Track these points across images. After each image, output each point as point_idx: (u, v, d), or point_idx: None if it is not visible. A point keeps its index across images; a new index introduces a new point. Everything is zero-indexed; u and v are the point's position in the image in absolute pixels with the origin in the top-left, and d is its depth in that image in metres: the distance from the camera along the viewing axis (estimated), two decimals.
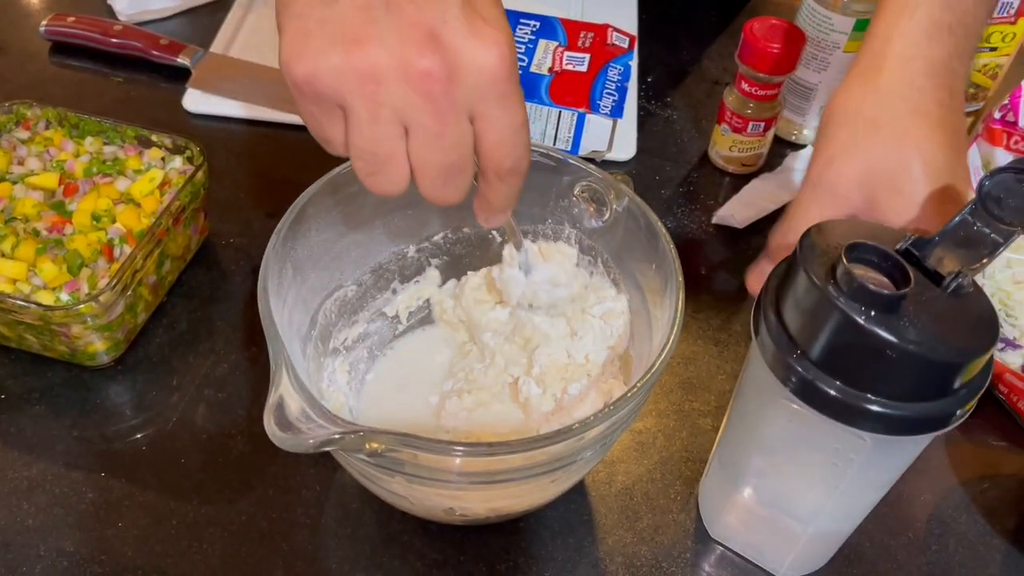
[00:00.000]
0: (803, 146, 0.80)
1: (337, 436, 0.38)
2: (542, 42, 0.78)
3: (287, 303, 0.48)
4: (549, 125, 0.74)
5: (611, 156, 0.76)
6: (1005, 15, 0.71)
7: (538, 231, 0.57)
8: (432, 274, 0.60)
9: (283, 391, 0.39)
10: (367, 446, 0.39)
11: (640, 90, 0.84)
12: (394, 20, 0.35)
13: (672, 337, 0.44)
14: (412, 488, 0.45)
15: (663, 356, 0.44)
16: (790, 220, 0.52)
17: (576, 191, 0.53)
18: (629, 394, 0.42)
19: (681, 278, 0.47)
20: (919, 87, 0.49)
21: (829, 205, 0.50)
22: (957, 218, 0.40)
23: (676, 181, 0.76)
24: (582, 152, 0.75)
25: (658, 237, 0.49)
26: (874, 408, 0.38)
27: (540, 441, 0.41)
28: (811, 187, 0.51)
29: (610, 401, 0.47)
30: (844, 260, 0.37)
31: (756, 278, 0.54)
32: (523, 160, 0.40)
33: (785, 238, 0.52)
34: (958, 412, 0.39)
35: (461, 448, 0.40)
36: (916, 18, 0.50)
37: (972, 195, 0.48)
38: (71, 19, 0.82)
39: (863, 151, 0.49)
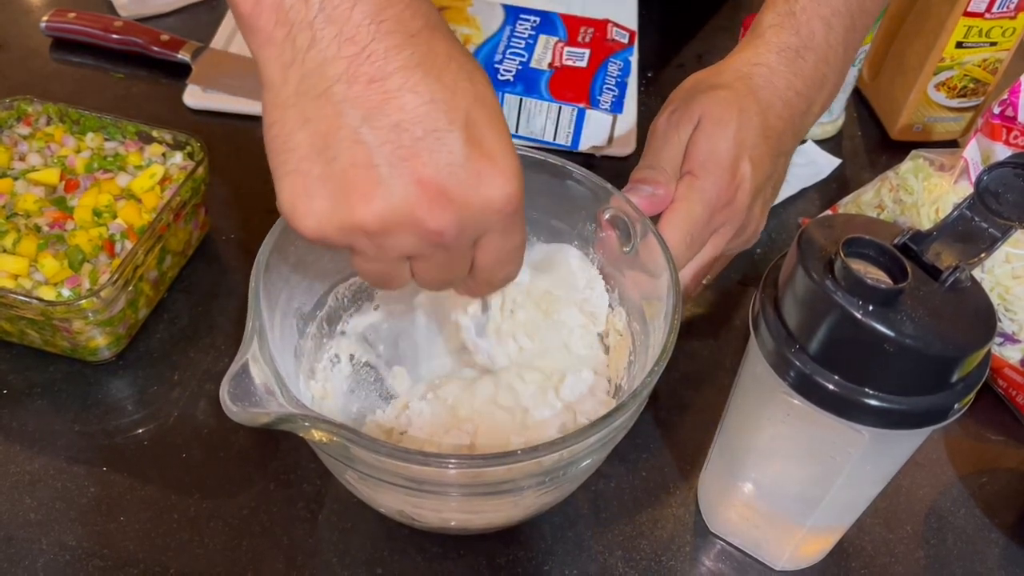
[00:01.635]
0: (802, 141, 0.80)
1: (287, 416, 0.38)
2: (542, 37, 0.78)
3: (289, 281, 0.48)
4: (549, 121, 0.74)
5: (611, 151, 0.76)
6: (1005, 10, 0.71)
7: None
8: None
9: (251, 363, 0.40)
10: (314, 434, 0.39)
11: (640, 85, 0.84)
12: (399, 177, 0.35)
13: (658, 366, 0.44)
14: (363, 484, 0.44)
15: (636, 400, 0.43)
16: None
17: (606, 217, 0.52)
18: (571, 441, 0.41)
19: (679, 303, 0.46)
20: (759, 84, 0.54)
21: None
22: (955, 212, 0.40)
23: None
24: (582, 147, 0.76)
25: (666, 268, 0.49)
26: (872, 402, 0.39)
27: (475, 460, 0.40)
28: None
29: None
30: (842, 255, 0.37)
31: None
32: (513, 274, 0.42)
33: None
34: (956, 406, 0.39)
35: (393, 451, 0.39)
36: (768, 38, 0.55)
37: (747, 177, 0.52)
38: (72, 15, 0.82)
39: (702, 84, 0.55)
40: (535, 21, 0.80)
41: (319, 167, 0.35)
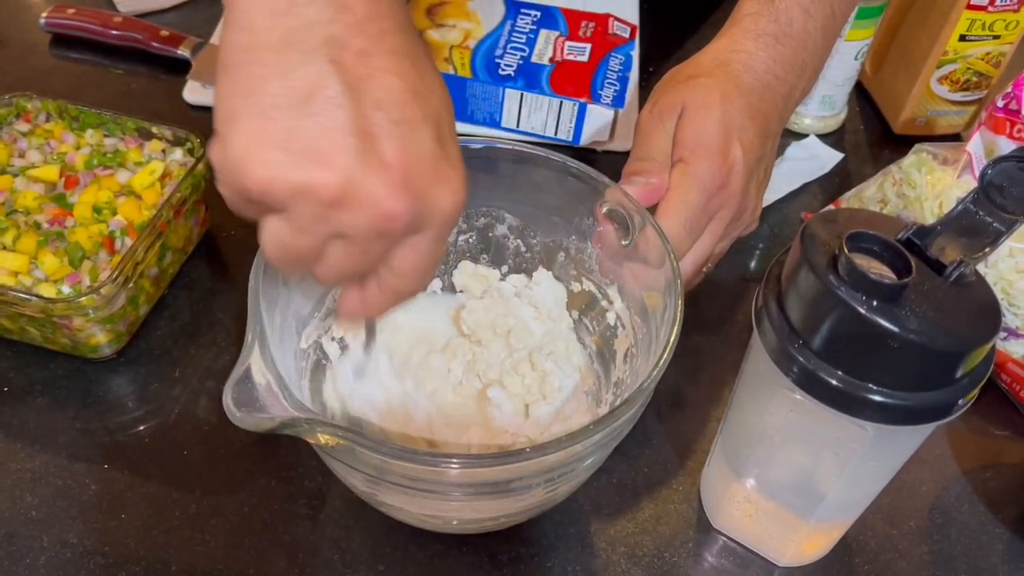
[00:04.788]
0: (804, 135, 0.80)
1: (291, 421, 0.38)
2: (543, 32, 0.78)
3: (287, 283, 0.48)
4: (550, 116, 0.74)
5: (612, 146, 0.76)
6: (1008, 3, 0.71)
7: (561, 244, 0.57)
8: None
9: (253, 368, 0.40)
10: (319, 437, 0.39)
11: (642, 80, 0.83)
12: (370, 152, 0.34)
13: (663, 363, 0.43)
14: (369, 485, 0.44)
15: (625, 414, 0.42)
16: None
17: (603, 211, 0.52)
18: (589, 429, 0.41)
19: (681, 302, 0.46)
20: (738, 70, 0.54)
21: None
22: (959, 207, 0.40)
23: None
24: (583, 142, 0.75)
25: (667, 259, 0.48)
26: (876, 398, 0.38)
27: (482, 460, 0.40)
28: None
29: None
30: (845, 250, 0.37)
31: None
32: (419, 289, 0.41)
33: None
34: (960, 402, 0.39)
35: (399, 452, 0.39)
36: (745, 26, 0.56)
37: (739, 159, 0.52)
38: (71, 11, 0.82)
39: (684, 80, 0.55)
40: (536, 15, 0.80)
41: (291, 120, 0.34)
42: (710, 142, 0.51)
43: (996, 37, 0.73)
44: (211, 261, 0.66)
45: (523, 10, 0.80)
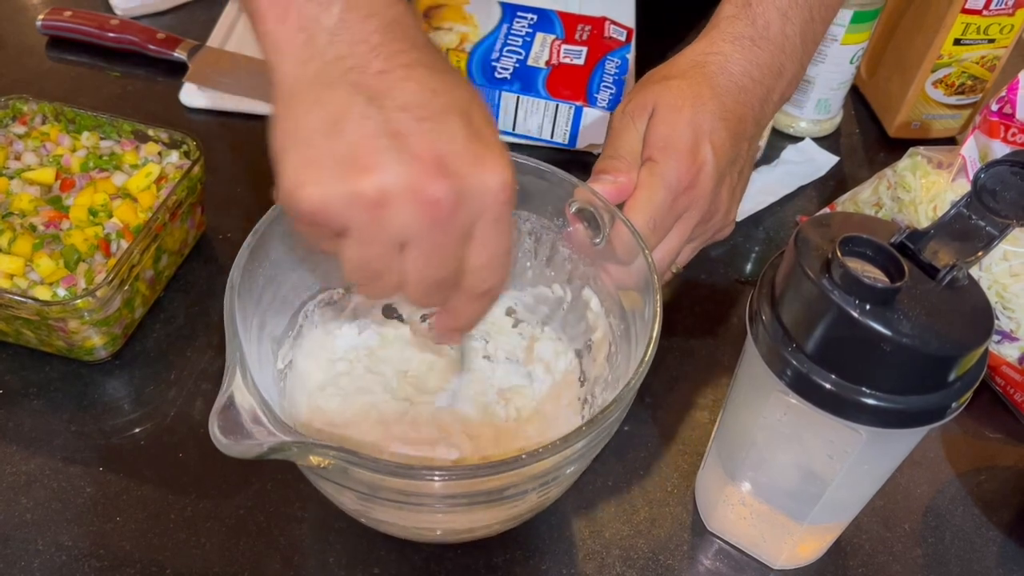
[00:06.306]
0: (800, 139, 0.80)
1: (279, 446, 0.38)
2: (539, 35, 0.78)
3: (260, 303, 0.48)
4: (546, 119, 0.74)
5: None
6: (1003, 7, 0.71)
7: (539, 239, 0.57)
8: None
9: (236, 394, 0.39)
10: (311, 460, 0.39)
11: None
12: (402, 149, 0.36)
13: (640, 372, 0.43)
14: (362, 503, 0.44)
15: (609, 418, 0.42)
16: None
17: (572, 210, 0.52)
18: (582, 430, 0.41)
19: (660, 305, 0.46)
20: (713, 71, 0.55)
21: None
22: (953, 210, 0.40)
23: None
24: (580, 145, 0.75)
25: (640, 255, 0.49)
26: (869, 401, 0.38)
27: (479, 470, 0.40)
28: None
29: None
30: (838, 253, 0.37)
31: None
32: (500, 285, 0.42)
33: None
34: (953, 405, 0.39)
35: (395, 469, 0.39)
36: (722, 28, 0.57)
37: (708, 160, 0.52)
38: (68, 13, 0.82)
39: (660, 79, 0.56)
40: (532, 19, 0.80)
41: (327, 141, 0.37)
42: (679, 142, 0.52)
43: (991, 41, 0.74)
44: (207, 264, 0.66)
45: (519, 13, 0.80)
